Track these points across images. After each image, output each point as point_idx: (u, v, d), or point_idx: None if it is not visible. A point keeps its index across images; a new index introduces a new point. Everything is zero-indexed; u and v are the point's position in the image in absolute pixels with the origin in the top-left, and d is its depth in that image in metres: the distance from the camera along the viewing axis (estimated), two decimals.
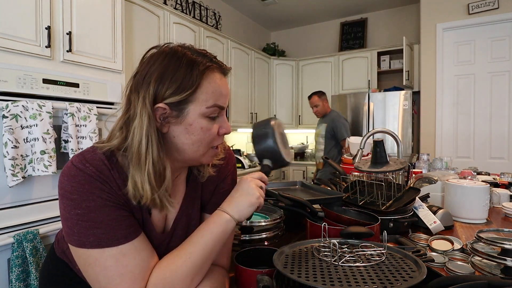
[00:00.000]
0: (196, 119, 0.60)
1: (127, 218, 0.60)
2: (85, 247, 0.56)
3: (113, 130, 0.63)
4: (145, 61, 0.62)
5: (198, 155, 0.64)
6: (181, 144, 0.62)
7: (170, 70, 0.59)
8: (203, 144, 0.63)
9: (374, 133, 1.54)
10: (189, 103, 0.60)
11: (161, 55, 0.61)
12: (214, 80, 0.61)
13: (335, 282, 0.56)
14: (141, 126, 0.57)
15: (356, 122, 3.93)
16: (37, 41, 1.61)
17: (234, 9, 4.50)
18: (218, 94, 0.62)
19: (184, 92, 0.58)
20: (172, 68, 0.59)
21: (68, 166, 0.59)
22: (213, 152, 0.67)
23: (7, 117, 1.42)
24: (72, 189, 0.56)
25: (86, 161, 0.58)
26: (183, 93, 0.58)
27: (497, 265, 0.79)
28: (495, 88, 3.30)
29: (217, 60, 0.64)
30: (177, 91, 0.58)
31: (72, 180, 0.57)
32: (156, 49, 0.64)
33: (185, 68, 0.59)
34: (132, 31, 2.45)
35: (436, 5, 3.49)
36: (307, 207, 0.93)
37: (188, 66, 0.59)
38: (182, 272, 0.59)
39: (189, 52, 0.61)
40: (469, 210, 1.26)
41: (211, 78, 0.61)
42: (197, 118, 0.60)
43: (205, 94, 0.60)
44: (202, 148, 0.63)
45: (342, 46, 4.73)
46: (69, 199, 0.56)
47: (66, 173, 0.58)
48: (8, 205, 1.48)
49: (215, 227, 0.63)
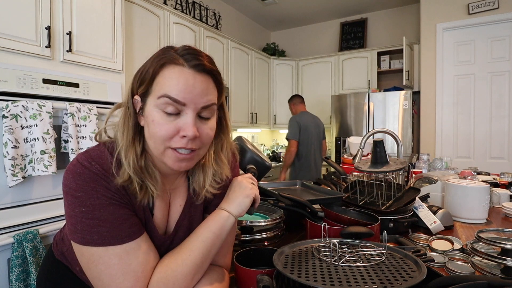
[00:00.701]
0: (150, 111, 0.59)
1: (131, 217, 0.60)
2: (89, 245, 0.56)
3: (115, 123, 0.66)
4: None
5: (157, 153, 0.60)
6: (146, 138, 0.62)
7: (144, 65, 0.62)
8: (157, 140, 0.59)
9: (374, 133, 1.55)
10: (148, 95, 0.60)
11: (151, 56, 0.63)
12: (172, 72, 0.58)
13: (335, 282, 0.56)
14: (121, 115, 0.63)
15: (356, 122, 3.93)
16: (37, 41, 1.61)
17: (234, 9, 4.50)
18: (172, 86, 0.57)
19: (143, 83, 0.60)
20: (146, 63, 0.62)
21: (73, 164, 0.59)
22: (173, 155, 0.60)
23: (7, 117, 1.42)
24: (77, 187, 0.56)
25: (92, 159, 0.59)
26: (143, 84, 0.60)
27: (497, 265, 0.79)
28: (495, 88, 3.31)
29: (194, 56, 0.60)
30: (141, 83, 0.61)
31: (77, 177, 0.57)
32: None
33: (151, 62, 0.60)
34: (132, 31, 2.45)
35: (436, 5, 3.49)
36: (307, 207, 0.93)
37: (153, 61, 0.60)
38: (183, 270, 0.60)
39: (172, 50, 0.61)
40: (469, 210, 1.26)
41: (168, 70, 0.58)
42: (152, 110, 0.59)
43: (159, 85, 0.58)
44: (158, 145, 0.59)
45: (342, 46, 4.73)
46: (74, 197, 0.56)
47: (71, 170, 0.58)
48: (8, 205, 1.48)
49: (214, 225, 0.65)
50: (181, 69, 0.58)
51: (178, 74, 0.58)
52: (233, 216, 0.67)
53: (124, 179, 0.59)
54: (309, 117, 3.26)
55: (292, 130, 3.09)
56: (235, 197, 0.69)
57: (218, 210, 0.68)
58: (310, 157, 3.17)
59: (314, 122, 3.27)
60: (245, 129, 4.29)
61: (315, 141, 3.22)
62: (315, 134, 3.22)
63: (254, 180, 0.76)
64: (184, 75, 0.58)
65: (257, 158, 0.89)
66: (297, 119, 3.16)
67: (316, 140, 3.23)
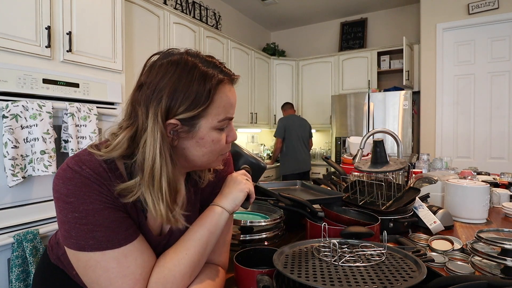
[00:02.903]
0: (207, 133, 0.61)
1: (126, 219, 0.59)
2: (85, 250, 0.55)
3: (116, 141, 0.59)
4: (153, 71, 0.59)
5: (208, 163, 0.66)
6: (191, 156, 0.63)
7: (182, 84, 0.57)
8: (214, 154, 0.64)
9: (374, 133, 1.54)
10: (201, 118, 0.59)
11: (171, 67, 0.58)
12: (225, 94, 0.61)
13: (335, 282, 0.56)
14: (154, 145, 0.56)
15: (356, 122, 3.94)
16: (37, 41, 1.61)
17: (234, 9, 4.50)
18: (228, 107, 0.62)
19: (197, 108, 0.58)
20: (185, 82, 0.57)
21: (63, 169, 0.57)
22: (222, 158, 0.69)
23: (7, 117, 1.42)
24: (68, 192, 0.55)
25: (82, 163, 0.57)
26: (196, 109, 0.58)
27: (497, 265, 0.79)
28: (495, 88, 3.30)
29: (226, 69, 0.63)
30: (190, 107, 0.57)
31: (68, 182, 0.55)
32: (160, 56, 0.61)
33: (198, 82, 0.57)
34: (132, 31, 2.45)
35: (436, 5, 3.49)
36: (307, 207, 0.93)
37: (200, 80, 0.57)
38: (180, 270, 0.60)
39: (200, 63, 0.59)
40: (469, 210, 1.26)
41: (222, 92, 0.61)
42: (209, 131, 0.61)
43: (217, 108, 0.60)
44: (212, 158, 0.65)
45: (342, 46, 4.73)
46: (66, 202, 0.55)
47: (61, 175, 0.56)
48: (8, 205, 1.48)
49: (208, 221, 0.65)
50: (229, 88, 0.63)
51: (229, 93, 0.63)
52: (227, 211, 0.67)
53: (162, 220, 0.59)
54: (294, 119, 3.90)
55: (278, 130, 3.83)
56: (229, 192, 0.70)
57: (211, 206, 0.68)
58: (294, 151, 3.82)
59: (299, 123, 3.89)
60: (245, 129, 4.29)
61: (300, 139, 3.84)
62: (300, 132, 3.85)
63: (248, 176, 0.77)
64: (232, 93, 0.64)
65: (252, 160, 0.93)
66: (283, 121, 3.84)
67: (300, 138, 3.85)
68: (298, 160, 3.84)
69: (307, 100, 4.74)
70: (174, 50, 0.63)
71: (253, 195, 0.72)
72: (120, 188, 0.58)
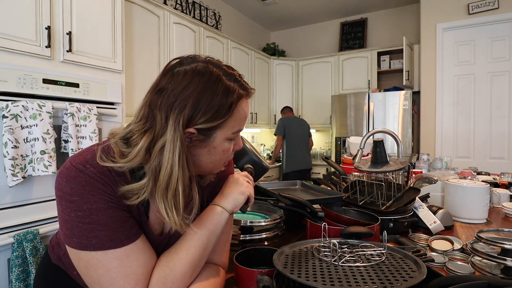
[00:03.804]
0: (220, 143, 0.63)
1: (129, 219, 0.59)
2: (87, 250, 0.55)
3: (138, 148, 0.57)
4: (176, 78, 0.58)
5: (212, 169, 0.68)
6: (199, 162, 0.64)
7: (207, 96, 0.58)
8: (220, 162, 0.67)
9: (374, 133, 1.54)
10: (217, 129, 0.61)
11: (196, 77, 0.58)
12: (243, 108, 0.64)
13: (335, 282, 0.56)
14: (174, 152, 0.56)
15: (356, 122, 3.94)
16: (37, 41, 1.61)
17: (234, 9, 4.50)
18: (243, 120, 0.65)
19: (217, 120, 0.59)
20: (209, 94, 0.58)
21: (66, 167, 0.57)
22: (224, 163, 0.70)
23: (7, 117, 1.42)
24: (72, 191, 0.55)
25: (86, 162, 0.57)
26: (216, 121, 0.60)
27: (497, 265, 0.79)
28: (495, 88, 3.31)
29: (245, 83, 0.65)
30: (211, 119, 0.59)
31: (71, 181, 0.55)
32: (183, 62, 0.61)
33: (221, 96, 0.59)
34: (132, 31, 2.45)
35: (436, 5, 3.49)
36: (307, 207, 0.93)
37: (224, 93, 0.59)
38: (181, 269, 0.60)
39: (223, 76, 0.61)
40: (469, 210, 1.26)
41: (241, 107, 0.63)
42: (222, 142, 0.63)
43: (234, 121, 0.62)
44: (218, 165, 0.67)
45: (342, 46, 4.73)
46: (69, 201, 0.55)
47: (65, 174, 0.56)
48: (8, 205, 1.48)
49: (208, 221, 0.66)
50: (246, 102, 0.65)
51: (246, 107, 0.65)
52: (227, 211, 0.68)
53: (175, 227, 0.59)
54: (293, 119, 4.02)
55: (278, 128, 3.95)
56: (229, 192, 0.70)
57: (211, 206, 0.68)
58: (295, 149, 3.89)
59: (298, 122, 4.00)
60: (245, 129, 4.29)
61: (300, 137, 3.93)
62: (299, 131, 3.94)
63: (250, 178, 0.77)
64: (248, 107, 0.66)
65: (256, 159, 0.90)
66: (283, 121, 3.97)
67: (300, 137, 3.93)
68: (299, 157, 3.91)
69: (307, 100, 4.74)
70: (197, 57, 0.62)
71: (252, 199, 0.72)
72: (124, 190, 0.58)
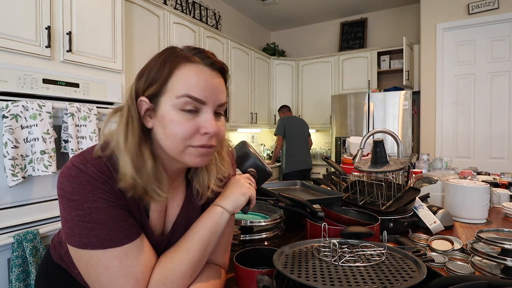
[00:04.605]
0: (167, 112, 0.58)
1: (129, 218, 0.60)
2: (87, 248, 0.55)
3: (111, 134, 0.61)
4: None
5: (176, 152, 0.60)
6: (159, 139, 0.60)
7: (150, 65, 0.60)
8: (177, 139, 0.58)
9: (374, 133, 1.55)
10: (162, 95, 0.59)
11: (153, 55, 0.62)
12: (191, 70, 0.58)
13: (335, 282, 0.56)
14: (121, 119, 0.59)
15: (356, 122, 3.94)
16: (37, 41, 1.61)
17: (234, 9, 4.50)
18: (192, 84, 0.58)
19: (155, 83, 0.58)
20: (152, 63, 0.60)
21: (67, 167, 0.57)
22: (195, 152, 0.60)
23: (7, 117, 1.42)
24: (73, 190, 0.55)
25: (87, 162, 0.57)
26: (155, 84, 0.58)
27: (497, 265, 0.79)
28: (495, 88, 3.31)
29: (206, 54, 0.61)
30: (151, 83, 0.59)
31: (72, 180, 0.56)
32: None
33: (161, 61, 0.59)
34: (132, 31, 2.45)
35: (436, 5, 3.49)
36: (307, 207, 0.93)
37: (164, 59, 0.59)
38: (181, 270, 0.60)
39: (178, 49, 0.61)
40: (469, 210, 1.26)
41: (186, 69, 0.58)
42: (169, 110, 0.58)
43: (176, 84, 0.58)
44: (177, 145, 0.59)
45: (342, 46, 4.73)
46: (70, 200, 0.55)
47: (66, 173, 0.57)
48: (8, 205, 1.48)
49: (209, 221, 0.65)
50: (198, 67, 0.59)
51: (197, 72, 0.59)
52: (228, 212, 0.67)
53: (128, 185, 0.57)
54: (293, 119, 4.03)
55: (278, 128, 3.92)
56: (230, 193, 0.69)
57: (212, 206, 0.67)
58: (295, 149, 3.89)
59: (298, 122, 4.01)
60: (245, 129, 4.29)
61: (300, 137, 3.93)
62: (299, 131, 3.94)
63: (252, 180, 0.76)
64: (203, 74, 0.59)
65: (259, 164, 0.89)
66: (282, 120, 3.96)
67: (300, 136, 3.93)
68: (299, 157, 3.92)
69: (307, 100, 4.74)
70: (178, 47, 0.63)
71: (253, 200, 0.72)
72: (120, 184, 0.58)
